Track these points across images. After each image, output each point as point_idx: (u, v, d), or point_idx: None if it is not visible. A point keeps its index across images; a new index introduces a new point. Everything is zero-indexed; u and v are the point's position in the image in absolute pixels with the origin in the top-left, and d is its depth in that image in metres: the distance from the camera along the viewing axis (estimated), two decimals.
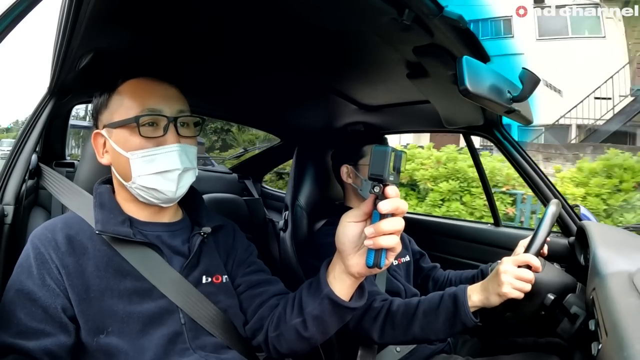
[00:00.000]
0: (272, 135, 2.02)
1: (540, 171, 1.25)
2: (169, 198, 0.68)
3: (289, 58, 0.94)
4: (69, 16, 0.61)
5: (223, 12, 0.70)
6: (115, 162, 0.68)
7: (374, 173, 0.51)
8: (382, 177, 0.51)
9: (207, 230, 0.74)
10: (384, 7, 0.58)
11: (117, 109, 0.67)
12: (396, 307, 0.90)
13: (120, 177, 0.68)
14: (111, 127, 0.67)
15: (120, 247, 0.65)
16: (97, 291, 0.61)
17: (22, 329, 0.57)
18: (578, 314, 0.79)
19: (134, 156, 0.65)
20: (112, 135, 0.67)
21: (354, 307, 0.62)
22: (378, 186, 0.52)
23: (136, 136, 0.65)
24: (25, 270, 0.61)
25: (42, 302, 0.59)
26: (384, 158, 0.51)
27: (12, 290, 0.60)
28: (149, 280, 0.64)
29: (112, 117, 0.67)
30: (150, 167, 0.65)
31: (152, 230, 0.70)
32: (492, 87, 0.68)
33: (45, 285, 0.60)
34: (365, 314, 0.92)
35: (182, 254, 0.71)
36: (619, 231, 1.17)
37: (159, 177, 0.65)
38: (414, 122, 1.47)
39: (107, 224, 0.65)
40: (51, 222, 0.67)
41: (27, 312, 0.58)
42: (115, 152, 0.67)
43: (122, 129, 0.66)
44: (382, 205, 0.51)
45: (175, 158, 0.66)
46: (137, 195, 0.68)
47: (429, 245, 1.45)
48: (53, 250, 0.62)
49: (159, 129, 0.66)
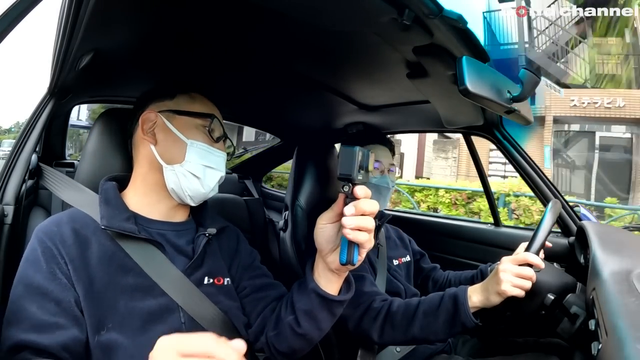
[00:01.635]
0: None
1: (540, 171, 1.25)
2: (203, 193, 0.73)
3: (289, 58, 0.94)
4: (69, 16, 0.61)
5: (222, 12, 0.70)
6: (165, 143, 0.72)
7: (342, 173, 0.53)
8: (350, 177, 0.52)
9: (213, 231, 0.75)
10: (384, 7, 0.58)
11: (185, 104, 0.74)
12: (396, 308, 0.90)
13: (163, 159, 0.71)
14: (176, 113, 0.72)
15: (124, 243, 0.65)
16: (100, 285, 0.62)
17: (35, 323, 0.56)
18: (578, 313, 0.79)
19: (194, 145, 0.71)
20: (173, 119, 0.72)
21: (341, 300, 0.66)
22: (347, 185, 0.54)
23: (201, 130, 0.73)
24: (34, 265, 0.60)
25: (54, 295, 0.58)
26: (351, 158, 0.52)
27: (20, 286, 0.59)
28: (150, 277, 0.65)
29: (179, 107, 0.73)
30: (204, 159, 0.72)
31: (157, 228, 0.71)
32: (492, 87, 0.68)
33: (57, 279, 0.59)
34: (365, 314, 0.92)
35: (185, 253, 0.71)
36: (619, 231, 1.17)
37: (206, 170, 0.72)
38: (414, 122, 1.47)
39: (113, 220, 0.65)
40: (56, 216, 0.68)
41: (39, 306, 0.57)
42: (171, 135, 0.71)
43: (189, 118, 0.73)
44: (347, 210, 0.55)
45: (222, 162, 0.76)
46: (171, 182, 0.71)
47: (429, 245, 1.45)
48: (60, 243, 0.62)
49: (214, 136, 0.75)
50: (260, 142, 1.92)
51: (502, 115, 1.08)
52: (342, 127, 1.49)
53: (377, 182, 1.13)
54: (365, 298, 0.94)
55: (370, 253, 1.12)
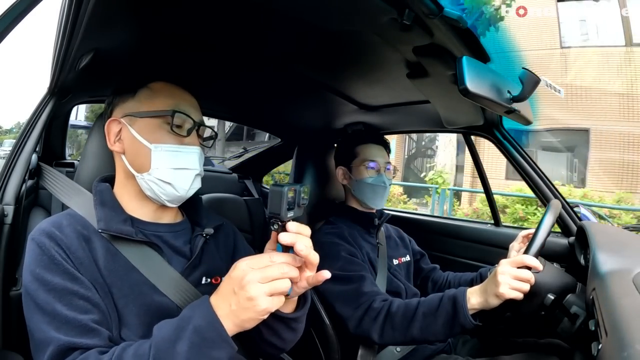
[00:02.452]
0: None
1: (540, 171, 1.25)
2: (179, 196, 0.69)
3: (289, 58, 0.94)
4: (69, 16, 0.61)
5: (222, 12, 0.70)
6: (131, 151, 0.68)
7: (271, 212, 0.54)
8: (279, 216, 0.53)
9: (210, 231, 0.74)
10: (384, 7, 0.58)
11: (146, 102, 0.69)
12: (396, 308, 0.90)
13: (134, 167, 0.68)
14: (137, 116, 0.68)
15: (120, 246, 0.64)
16: (108, 285, 0.62)
17: (75, 324, 0.56)
18: (578, 314, 0.79)
19: (158, 148, 0.66)
20: (134, 124, 0.68)
21: (293, 317, 0.65)
22: (277, 224, 0.54)
23: (164, 130, 0.67)
24: (48, 269, 0.59)
25: (82, 293, 0.58)
26: (279, 197, 0.53)
27: (41, 292, 0.57)
28: (149, 279, 0.65)
29: (139, 107, 0.69)
30: (171, 162, 0.67)
31: (154, 230, 0.70)
32: (492, 87, 0.68)
33: (77, 278, 0.59)
34: (365, 314, 0.92)
35: (183, 254, 0.71)
36: (619, 231, 1.17)
37: (177, 173, 0.67)
38: (414, 122, 1.47)
39: (110, 222, 0.64)
40: (55, 219, 0.66)
41: (72, 307, 0.57)
42: (135, 142, 0.67)
43: (150, 119, 0.68)
44: (276, 251, 0.55)
45: (195, 159, 0.69)
46: (145, 189, 0.68)
47: (429, 245, 1.45)
48: (67, 248, 0.61)
49: (182, 131, 0.69)
50: (273, 139, 1.92)
51: (502, 115, 1.08)
52: (342, 127, 1.49)
53: (373, 182, 1.14)
54: (365, 298, 0.95)
55: (370, 252, 1.12)
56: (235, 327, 0.53)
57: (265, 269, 0.52)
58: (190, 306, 0.55)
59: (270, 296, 0.51)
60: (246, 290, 0.51)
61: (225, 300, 0.53)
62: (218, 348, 0.52)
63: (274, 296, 0.52)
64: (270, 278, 0.51)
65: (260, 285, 0.51)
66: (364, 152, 1.17)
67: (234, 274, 0.53)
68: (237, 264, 0.54)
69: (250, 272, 0.51)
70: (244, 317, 0.52)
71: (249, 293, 0.50)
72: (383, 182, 1.15)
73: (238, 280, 0.52)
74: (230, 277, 0.53)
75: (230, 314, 0.52)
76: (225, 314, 0.52)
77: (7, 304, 0.71)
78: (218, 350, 0.52)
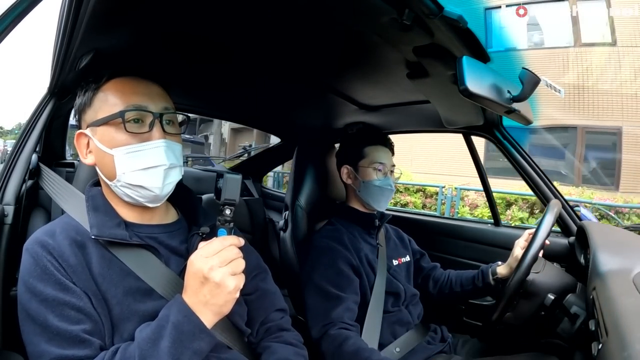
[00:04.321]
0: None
1: (540, 171, 1.25)
2: (156, 195, 0.66)
3: (289, 58, 0.94)
4: (69, 16, 0.61)
5: (222, 12, 0.70)
6: (100, 161, 0.67)
7: (227, 198, 0.61)
8: (234, 202, 0.61)
9: (206, 230, 0.73)
10: (384, 7, 0.58)
11: (101, 107, 0.66)
12: (348, 347, 0.91)
13: (105, 177, 0.67)
14: (95, 126, 0.65)
15: (116, 250, 0.64)
16: (102, 292, 0.61)
17: (67, 336, 0.56)
18: (578, 314, 0.79)
19: (119, 152, 0.64)
20: (96, 133, 0.66)
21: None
22: (229, 209, 0.61)
23: (121, 132, 0.64)
24: (40, 279, 0.58)
25: (73, 303, 0.58)
26: (236, 185, 0.61)
27: (34, 302, 0.57)
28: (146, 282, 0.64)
29: (96, 116, 0.66)
30: (135, 163, 0.64)
31: (148, 232, 0.69)
32: (492, 87, 0.68)
33: (68, 288, 0.59)
34: (323, 336, 0.96)
35: (180, 254, 0.71)
36: (619, 231, 1.17)
37: (145, 173, 0.64)
38: (414, 122, 1.47)
39: (103, 228, 0.64)
40: (48, 228, 0.65)
41: (63, 318, 0.56)
42: (100, 151, 0.65)
43: (107, 126, 0.65)
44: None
45: (162, 154, 0.65)
46: (122, 195, 0.67)
47: (429, 245, 1.45)
48: (59, 257, 0.60)
49: (144, 126, 0.65)
50: None
51: (502, 115, 1.08)
52: (342, 127, 1.49)
53: (380, 184, 1.14)
54: (328, 321, 0.97)
55: (369, 254, 1.12)
56: (214, 315, 0.58)
57: (221, 253, 0.57)
58: (166, 306, 0.59)
59: (234, 275, 0.57)
60: (212, 277, 0.55)
61: (195, 294, 0.57)
62: (198, 339, 0.56)
63: (236, 275, 0.57)
64: (229, 259, 0.57)
65: (221, 269, 0.56)
66: (372, 153, 1.17)
67: (193, 269, 0.57)
68: (191, 260, 0.58)
69: (208, 260, 0.56)
70: (219, 302, 0.56)
71: (215, 279, 0.55)
72: (389, 185, 1.15)
73: (200, 273, 0.56)
74: (191, 272, 0.57)
75: (207, 304, 0.56)
76: (201, 306, 0.56)
77: (7, 304, 0.71)
78: (199, 342, 0.56)
